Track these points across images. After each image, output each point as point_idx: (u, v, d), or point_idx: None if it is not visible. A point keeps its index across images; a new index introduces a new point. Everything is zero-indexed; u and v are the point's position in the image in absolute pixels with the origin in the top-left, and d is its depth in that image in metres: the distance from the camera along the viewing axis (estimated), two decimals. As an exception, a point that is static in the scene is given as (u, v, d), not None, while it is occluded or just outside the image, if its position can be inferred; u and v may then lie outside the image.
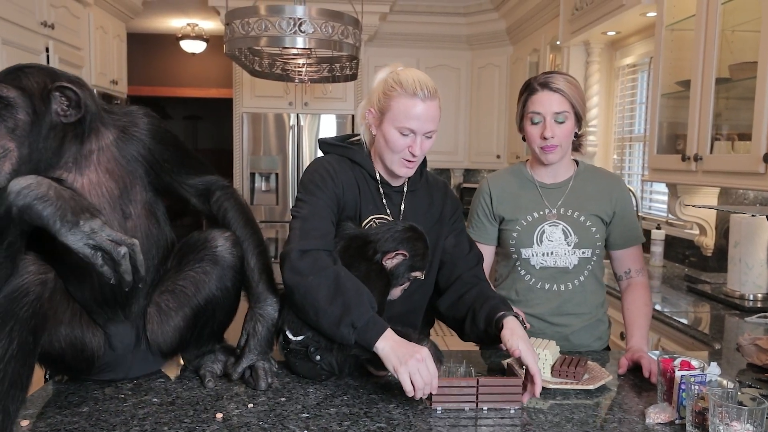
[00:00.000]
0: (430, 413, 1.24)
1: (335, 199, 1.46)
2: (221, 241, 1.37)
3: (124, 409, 1.23)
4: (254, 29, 2.67)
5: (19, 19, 3.05)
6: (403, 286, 1.48)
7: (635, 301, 1.70)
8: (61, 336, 1.26)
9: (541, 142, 1.65)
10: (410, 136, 1.43)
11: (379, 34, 5.35)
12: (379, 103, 1.45)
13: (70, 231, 1.04)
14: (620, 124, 3.92)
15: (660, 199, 3.46)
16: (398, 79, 1.43)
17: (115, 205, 1.29)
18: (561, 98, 1.63)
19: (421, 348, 1.25)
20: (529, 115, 1.66)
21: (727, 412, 1.07)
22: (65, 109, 1.23)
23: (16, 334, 1.08)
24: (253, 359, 1.38)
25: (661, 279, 2.90)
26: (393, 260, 1.43)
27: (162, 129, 1.40)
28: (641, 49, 3.58)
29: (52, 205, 1.05)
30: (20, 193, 1.05)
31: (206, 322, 1.38)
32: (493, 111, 5.41)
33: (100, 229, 1.06)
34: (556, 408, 1.29)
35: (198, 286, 1.36)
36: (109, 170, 1.30)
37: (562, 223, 1.70)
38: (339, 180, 1.47)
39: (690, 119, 2.41)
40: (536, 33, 4.58)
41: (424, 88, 1.41)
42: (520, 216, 1.72)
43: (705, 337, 1.94)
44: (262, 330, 1.39)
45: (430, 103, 1.42)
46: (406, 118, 1.41)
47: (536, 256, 1.70)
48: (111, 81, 4.27)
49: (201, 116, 8.89)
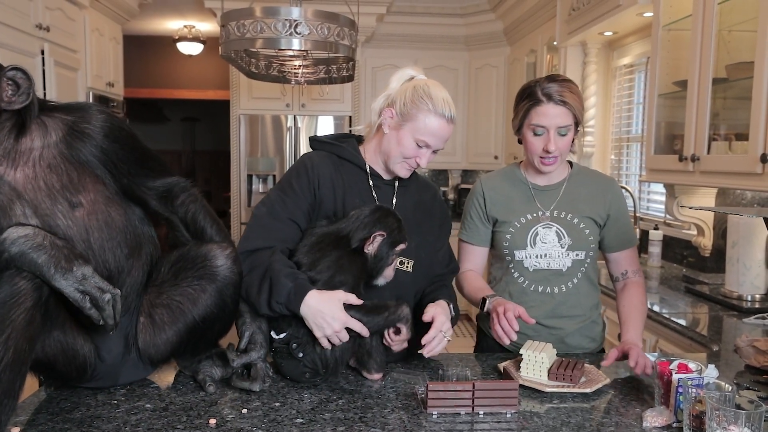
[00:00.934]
0: (425, 417, 1.23)
1: (307, 194, 1.50)
2: (222, 260, 1.33)
3: (117, 415, 1.22)
4: (250, 31, 2.66)
5: (14, 22, 3.04)
6: (393, 265, 1.48)
7: (631, 299, 1.69)
8: (53, 342, 1.23)
9: (542, 153, 1.63)
10: (423, 149, 1.51)
11: (376, 35, 5.34)
12: (404, 108, 1.49)
13: (63, 276, 1.08)
14: (617, 124, 3.92)
15: (658, 199, 3.45)
16: (429, 93, 1.48)
17: (55, 196, 1.22)
18: (566, 112, 1.60)
19: (340, 317, 1.34)
20: (531, 126, 1.63)
21: (725, 416, 1.06)
22: (10, 96, 1.17)
23: (12, 342, 1.07)
24: (261, 355, 1.38)
25: (659, 280, 2.89)
26: (373, 244, 1.44)
27: (117, 127, 1.30)
28: (638, 49, 3.57)
29: (46, 253, 1.08)
30: (16, 241, 1.08)
31: (202, 335, 1.36)
32: (491, 112, 5.41)
33: (91, 276, 1.10)
34: (553, 411, 1.28)
35: (195, 302, 1.33)
36: (51, 165, 1.23)
37: (555, 225, 1.69)
38: (315, 174, 1.51)
39: (687, 119, 2.40)
40: (533, 34, 4.57)
41: (450, 110, 1.50)
42: (513, 218, 1.71)
43: (703, 339, 1.93)
44: (266, 328, 1.39)
45: (451, 125, 1.51)
46: (428, 133, 1.49)
47: (530, 258, 1.69)
48: (107, 83, 4.26)
49: (198, 118, 8.89)
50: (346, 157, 1.57)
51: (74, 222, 1.24)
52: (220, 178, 8.43)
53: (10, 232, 1.09)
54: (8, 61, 2.93)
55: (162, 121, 8.77)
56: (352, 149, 1.58)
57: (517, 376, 1.41)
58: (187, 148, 9.06)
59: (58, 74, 3.50)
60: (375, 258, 1.45)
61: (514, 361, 1.52)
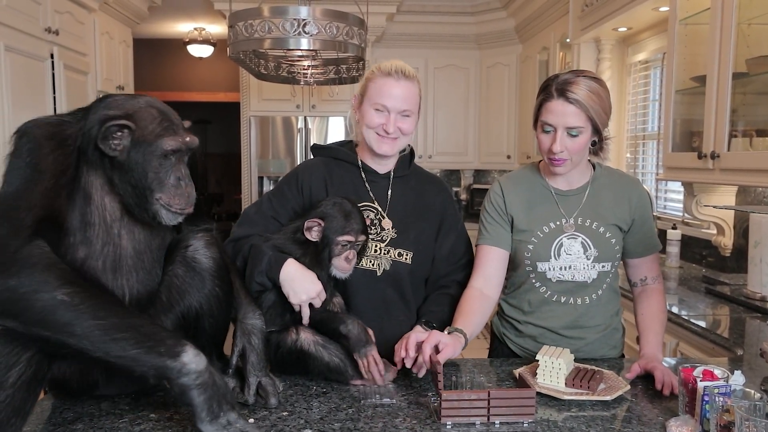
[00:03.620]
0: (438, 428, 1.19)
1: (295, 196, 1.59)
2: (192, 242, 1.27)
3: (120, 425, 1.18)
4: (258, 31, 2.63)
5: (23, 26, 3.03)
6: (343, 255, 1.46)
7: (650, 307, 1.62)
8: (68, 363, 1.22)
9: (549, 153, 1.53)
10: (384, 113, 1.54)
11: (386, 35, 5.30)
12: (360, 90, 1.60)
13: (210, 422, 1.09)
14: (633, 122, 3.84)
15: (675, 198, 3.38)
16: (378, 65, 1.58)
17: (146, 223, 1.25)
18: (577, 111, 1.46)
19: (316, 285, 1.41)
20: (540, 122, 1.54)
21: (755, 426, 1.01)
22: (116, 144, 1.19)
23: (34, 361, 1.07)
24: (260, 375, 1.30)
25: (677, 280, 2.82)
26: (310, 232, 1.47)
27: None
28: (654, 44, 3.50)
29: (205, 393, 1.09)
30: (188, 374, 1.08)
31: (188, 330, 1.28)
32: (503, 111, 5.34)
33: (235, 422, 1.11)
34: (571, 420, 1.23)
35: (171, 291, 1.27)
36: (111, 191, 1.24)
37: (581, 236, 1.59)
38: (305, 177, 1.61)
39: (706, 115, 2.34)
40: (545, 31, 4.51)
41: (399, 71, 1.54)
42: (535, 227, 1.61)
43: (725, 342, 1.86)
44: (259, 343, 1.31)
45: (404, 83, 1.54)
46: (380, 95, 1.54)
47: (553, 270, 1.59)
48: (117, 86, 4.26)
49: (210, 120, 8.90)
50: (341, 157, 1.65)
51: (150, 248, 1.27)
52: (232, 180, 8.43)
53: (190, 360, 1.08)
54: (16, 66, 2.95)
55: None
56: (346, 149, 1.66)
57: (534, 383, 1.36)
58: (199, 150, 9.06)
59: (68, 78, 3.49)
60: (322, 248, 1.46)
61: (529, 368, 1.47)
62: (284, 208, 1.59)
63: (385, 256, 1.57)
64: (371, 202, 1.61)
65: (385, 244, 1.58)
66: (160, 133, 1.20)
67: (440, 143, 5.61)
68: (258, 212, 1.60)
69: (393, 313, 1.58)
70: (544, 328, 1.63)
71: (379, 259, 1.57)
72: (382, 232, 1.59)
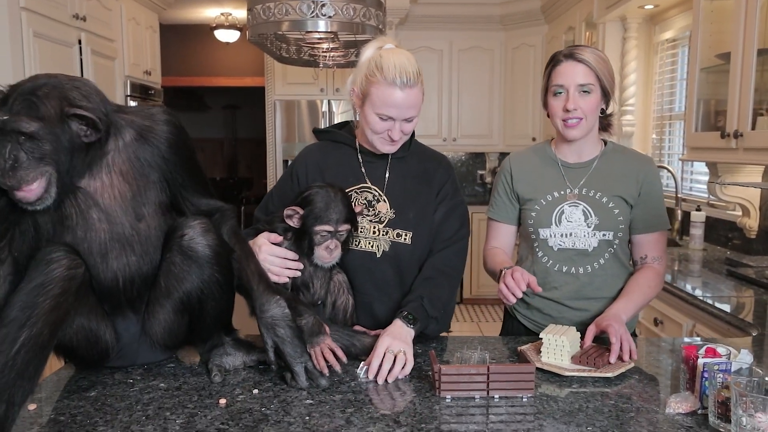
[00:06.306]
0: (437, 401, 1.20)
1: (288, 183, 1.64)
2: (187, 230, 1.28)
3: (131, 394, 1.23)
4: (275, 14, 2.64)
5: (51, 12, 3.11)
6: (323, 245, 1.46)
7: (636, 279, 1.61)
8: (76, 329, 1.26)
9: (563, 114, 1.57)
10: (389, 121, 1.48)
11: (410, 17, 5.26)
12: (361, 86, 1.49)
13: None
14: (659, 102, 3.76)
15: (701, 179, 3.30)
16: (379, 64, 1.45)
17: (127, 207, 1.28)
18: (586, 69, 1.55)
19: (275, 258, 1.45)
20: (552, 88, 1.59)
21: (752, 402, 1.00)
22: (85, 131, 1.21)
23: (32, 325, 1.09)
24: (303, 362, 1.28)
25: (701, 263, 2.77)
26: (291, 219, 1.47)
27: (181, 139, 1.34)
28: (681, 22, 3.41)
29: None
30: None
31: (192, 314, 1.31)
32: (528, 92, 5.27)
33: None
34: (571, 396, 1.23)
35: (168, 277, 1.30)
36: (122, 172, 1.28)
37: (582, 204, 1.62)
38: (299, 163, 1.64)
39: (730, 94, 2.28)
40: (571, 10, 4.42)
41: (404, 76, 1.43)
42: (539, 196, 1.65)
43: (742, 324, 1.83)
44: (286, 332, 1.29)
45: (409, 91, 1.44)
46: (384, 105, 1.45)
47: (554, 236, 1.62)
48: (144, 72, 4.33)
49: (239, 105, 8.99)
50: (339, 140, 1.64)
51: (137, 233, 1.29)
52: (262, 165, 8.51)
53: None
54: (45, 52, 3.02)
55: (203, 110, 8.90)
56: (345, 132, 1.65)
57: (535, 359, 1.36)
58: (229, 135, 9.18)
59: (96, 63, 3.57)
60: (303, 236, 1.47)
61: (534, 345, 1.47)
62: (282, 196, 1.63)
63: (384, 237, 1.55)
64: (369, 184, 1.59)
65: (384, 225, 1.56)
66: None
67: (465, 126, 5.57)
68: (269, 198, 1.69)
69: (392, 294, 1.55)
70: (550, 299, 1.65)
71: (378, 241, 1.55)
72: (379, 213, 1.57)
